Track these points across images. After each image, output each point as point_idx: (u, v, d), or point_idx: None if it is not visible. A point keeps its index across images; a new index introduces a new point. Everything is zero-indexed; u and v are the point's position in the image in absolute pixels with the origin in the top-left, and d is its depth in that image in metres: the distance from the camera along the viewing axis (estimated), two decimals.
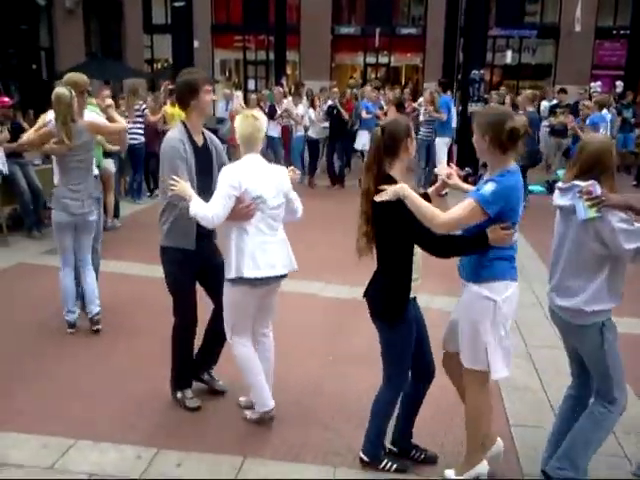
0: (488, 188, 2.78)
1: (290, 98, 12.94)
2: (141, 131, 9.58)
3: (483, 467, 3.11)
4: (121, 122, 5.08)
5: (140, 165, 9.75)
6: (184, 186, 3.40)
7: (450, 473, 3.14)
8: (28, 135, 5.05)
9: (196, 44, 23.72)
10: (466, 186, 3.24)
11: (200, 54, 23.70)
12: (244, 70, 25.83)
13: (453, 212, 2.81)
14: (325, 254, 6.86)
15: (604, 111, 9.83)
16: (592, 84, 16.98)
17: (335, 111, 11.31)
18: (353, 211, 3.05)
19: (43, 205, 7.61)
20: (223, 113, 12.33)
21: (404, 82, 24.62)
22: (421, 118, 11.08)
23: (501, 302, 2.86)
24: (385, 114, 11.21)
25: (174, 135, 3.58)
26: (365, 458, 3.22)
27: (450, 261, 3.02)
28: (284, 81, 18.02)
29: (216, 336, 3.79)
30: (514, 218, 2.83)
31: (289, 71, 23.55)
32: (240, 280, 3.41)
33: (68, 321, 4.83)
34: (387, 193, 2.79)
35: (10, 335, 4.81)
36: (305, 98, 12.83)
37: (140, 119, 9.65)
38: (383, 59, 26.28)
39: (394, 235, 2.91)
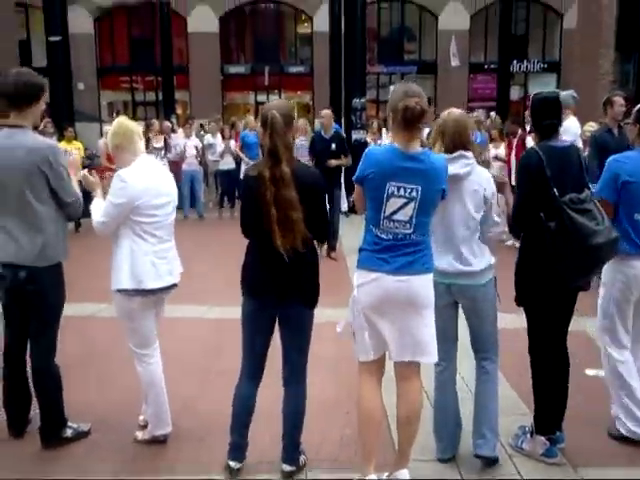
0: None
1: (181, 130, 12.91)
2: None
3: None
4: None
5: None
6: None
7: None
8: None
9: (81, 86, 23.26)
10: None
11: (86, 96, 23.17)
12: (133, 111, 25.41)
13: None
14: (210, 280, 6.77)
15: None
16: (475, 113, 18.07)
17: None
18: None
19: None
20: None
21: (296, 118, 25.12)
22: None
23: (356, 288, 2.87)
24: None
25: None
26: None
27: None
28: (174, 119, 17.89)
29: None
30: (375, 182, 2.78)
31: (179, 111, 23.41)
32: (136, 291, 3.25)
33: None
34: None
35: None
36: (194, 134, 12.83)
37: None
38: (273, 97, 26.69)
39: None
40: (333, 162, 7.89)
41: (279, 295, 2.96)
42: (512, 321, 3.92)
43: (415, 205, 2.77)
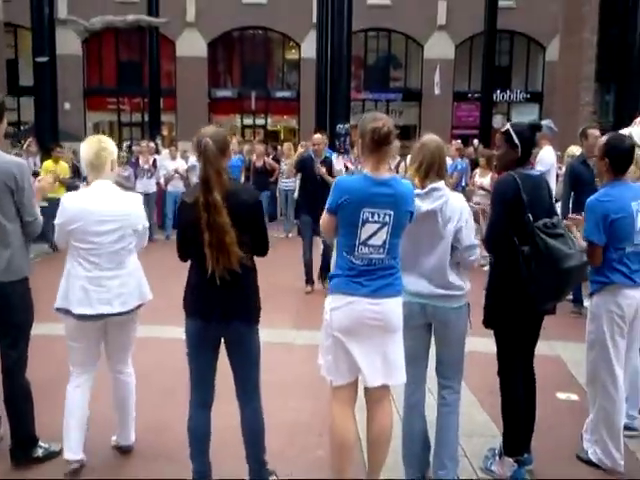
0: None
1: (166, 151, 12.94)
2: None
3: None
4: None
5: None
6: None
7: None
8: None
9: (67, 106, 23.31)
10: None
11: (72, 116, 23.21)
12: (119, 132, 25.50)
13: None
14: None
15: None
16: (454, 142, 18.35)
17: None
18: None
19: None
20: None
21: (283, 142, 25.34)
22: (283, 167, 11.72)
23: (328, 312, 2.90)
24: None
25: None
26: None
27: None
28: (159, 140, 17.97)
29: None
30: (349, 209, 2.81)
31: (165, 132, 23.54)
32: (68, 312, 3.27)
33: None
34: None
35: None
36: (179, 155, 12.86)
37: None
38: (260, 121, 26.97)
39: None
40: (322, 170, 7.53)
41: (220, 314, 2.96)
42: (486, 345, 3.96)
43: (388, 229, 2.83)
